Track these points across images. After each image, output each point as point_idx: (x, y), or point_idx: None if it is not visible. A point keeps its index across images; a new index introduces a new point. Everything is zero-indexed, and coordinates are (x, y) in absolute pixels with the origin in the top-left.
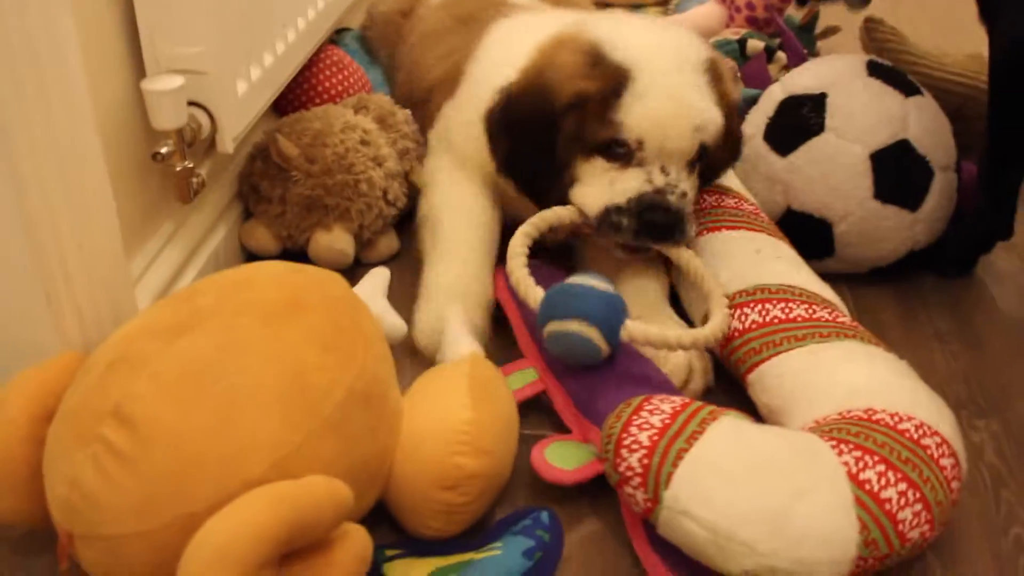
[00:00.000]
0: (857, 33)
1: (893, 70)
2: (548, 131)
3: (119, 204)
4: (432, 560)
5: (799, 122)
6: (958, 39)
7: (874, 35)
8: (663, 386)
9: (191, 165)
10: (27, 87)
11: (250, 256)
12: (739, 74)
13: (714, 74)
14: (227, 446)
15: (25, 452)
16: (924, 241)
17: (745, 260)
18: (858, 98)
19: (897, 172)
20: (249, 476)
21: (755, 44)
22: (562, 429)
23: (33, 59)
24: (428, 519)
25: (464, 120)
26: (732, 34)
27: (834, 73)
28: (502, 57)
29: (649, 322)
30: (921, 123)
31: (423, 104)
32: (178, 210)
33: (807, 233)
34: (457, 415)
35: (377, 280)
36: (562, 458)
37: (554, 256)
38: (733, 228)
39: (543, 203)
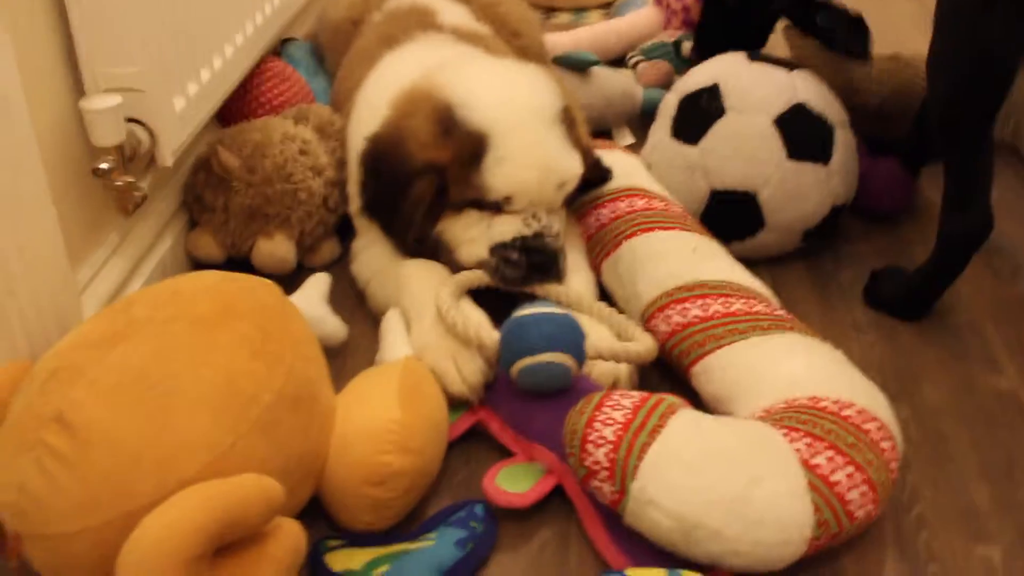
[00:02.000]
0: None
1: (771, 56)
2: (402, 190)
3: (63, 217)
4: (371, 550)
5: (701, 111)
6: (907, 39)
7: (793, 43)
8: (591, 392)
9: (131, 179)
10: None
11: (196, 264)
12: (675, 76)
13: (569, 122)
14: (162, 448)
15: None
16: (843, 195)
17: (682, 258)
18: (747, 78)
19: (802, 131)
20: (184, 475)
21: (689, 46)
22: (505, 454)
23: None
24: (358, 513)
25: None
26: (667, 36)
27: (720, 67)
28: (366, 112)
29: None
30: (809, 89)
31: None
32: (124, 221)
33: (735, 210)
34: (386, 415)
35: (318, 285)
36: (514, 482)
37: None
38: (666, 228)
39: (408, 251)
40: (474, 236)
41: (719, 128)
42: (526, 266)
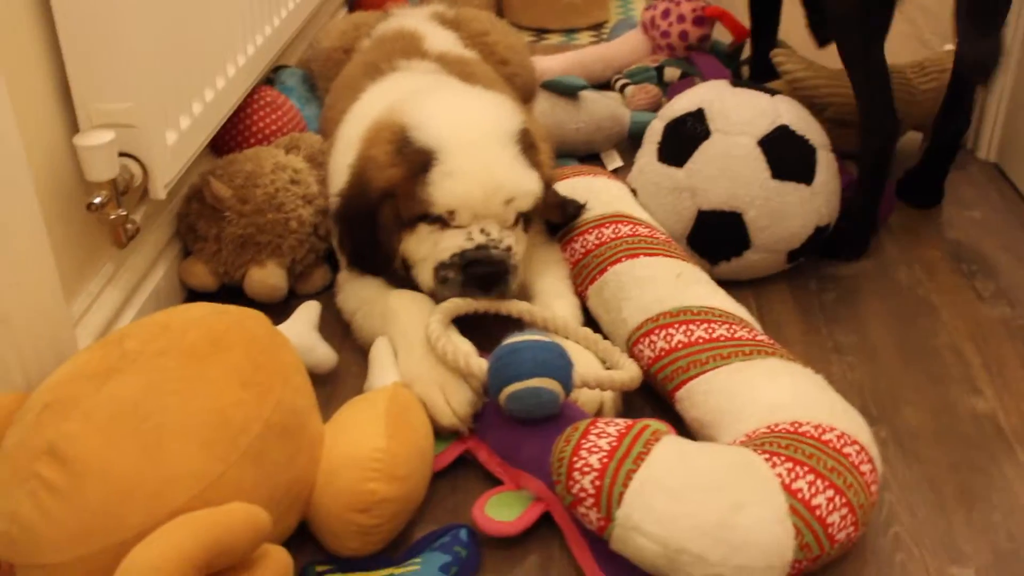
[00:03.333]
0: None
1: (753, 83)
2: (373, 220)
3: (58, 250)
4: (358, 575)
5: (687, 135)
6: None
7: (781, 69)
8: (578, 419)
9: (124, 213)
10: None
11: (190, 292)
12: (663, 99)
13: (526, 143)
14: (153, 479)
15: None
16: (827, 215)
17: (667, 284)
18: (731, 102)
19: (786, 151)
20: (174, 505)
21: (672, 72)
22: (492, 482)
23: None
24: (345, 539)
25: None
26: (651, 61)
27: (704, 92)
28: (342, 154)
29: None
30: (791, 112)
31: None
32: (117, 252)
33: (722, 230)
34: (372, 443)
35: (308, 313)
36: (502, 511)
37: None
38: (651, 255)
39: (396, 282)
40: (424, 254)
41: (705, 149)
42: (460, 284)
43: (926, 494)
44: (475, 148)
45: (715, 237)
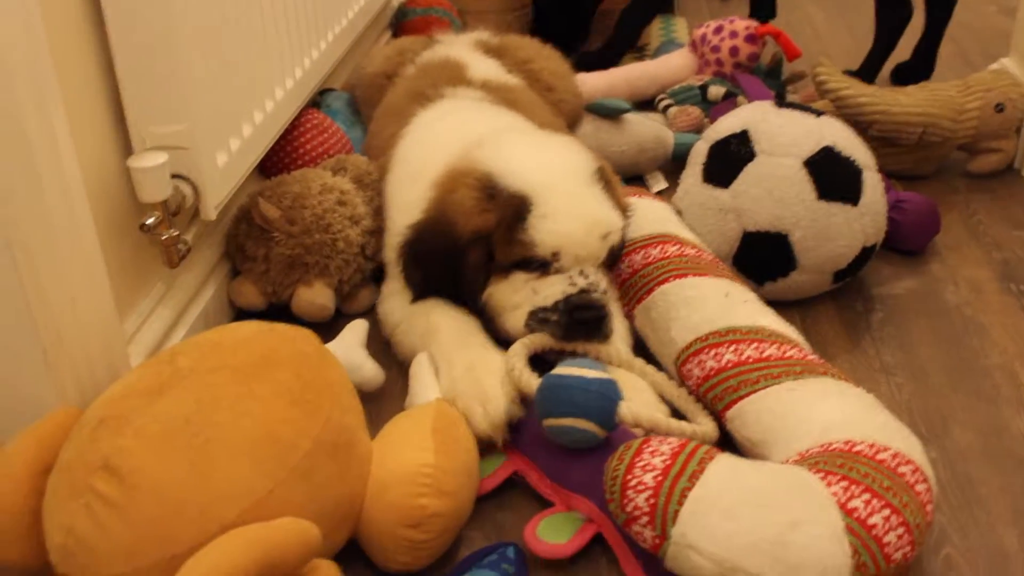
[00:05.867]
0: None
1: (798, 104)
2: (455, 262)
3: (111, 269)
4: None
5: (732, 156)
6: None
7: (824, 87)
8: (627, 440)
9: (176, 233)
10: (18, 167)
11: (238, 311)
12: (707, 119)
13: (606, 181)
14: (204, 494)
15: (29, 504)
16: (873, 235)
17: (716, 304)
18: (776, 123)
19: (831, 172)
20: (224, 520)
21: (716, 90)
22: (541, 503)
23: (24, 143)
24: (395, 554)
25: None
26: (695, 80)
27: (748, 114)
28: (408, 185)
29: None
30: (836, 133)
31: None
32: (168, 271)
33: (768, 251)
34: (421, 459)
35: (356, 332)
36: (554, 532)
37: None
38: (699, 275)
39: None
40: (519, 302)
41: (750, 171)
42: (564, 327)
43: (977, 515)
44: (566, 188)
45: (761, 258)
